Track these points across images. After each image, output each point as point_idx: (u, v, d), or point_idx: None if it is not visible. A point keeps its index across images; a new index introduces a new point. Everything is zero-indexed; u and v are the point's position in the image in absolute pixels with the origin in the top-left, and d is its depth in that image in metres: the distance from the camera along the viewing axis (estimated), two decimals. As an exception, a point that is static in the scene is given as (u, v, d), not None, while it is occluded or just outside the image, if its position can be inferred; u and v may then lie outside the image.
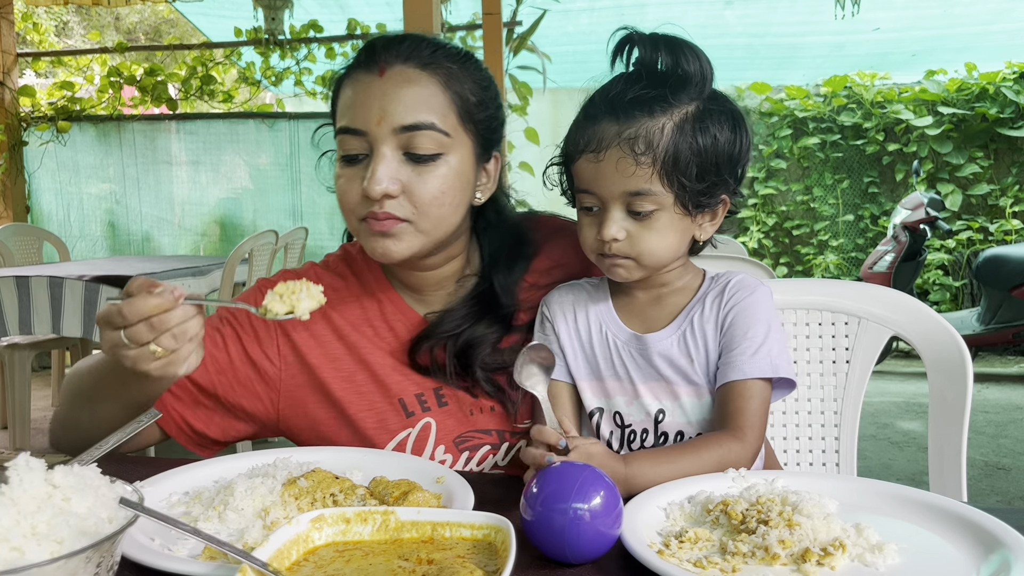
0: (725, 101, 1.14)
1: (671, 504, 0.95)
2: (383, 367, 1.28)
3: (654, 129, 1.07)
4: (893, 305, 1.56)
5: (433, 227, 1.18)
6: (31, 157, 6.36)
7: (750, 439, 1.08)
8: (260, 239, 4.25)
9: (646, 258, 1.12)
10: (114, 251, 6.46)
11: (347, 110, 1.18)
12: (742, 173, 1.16)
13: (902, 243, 6.02)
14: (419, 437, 1.25)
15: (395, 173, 1.14)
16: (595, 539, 0.83)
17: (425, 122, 1.14)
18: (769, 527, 0.84)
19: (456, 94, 1.18)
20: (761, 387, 1.12)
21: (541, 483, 0.85)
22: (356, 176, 1.17)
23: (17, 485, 0.68)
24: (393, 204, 1.15)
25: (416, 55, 1.17)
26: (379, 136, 1.14)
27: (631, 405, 1.19)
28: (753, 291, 1.17)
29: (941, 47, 6.98)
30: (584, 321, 1.23)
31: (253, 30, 6.19)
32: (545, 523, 0.83)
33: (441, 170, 1.17)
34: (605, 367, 1.21)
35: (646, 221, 1.10)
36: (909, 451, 4.31)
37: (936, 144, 7.31)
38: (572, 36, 6.82)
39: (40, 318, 3.84)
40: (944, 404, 1.48)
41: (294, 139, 6.17)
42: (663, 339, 1.18)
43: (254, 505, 0.91)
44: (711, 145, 1.09)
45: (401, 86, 1.15)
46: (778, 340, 1.15)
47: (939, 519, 0.91)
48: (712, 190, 1.12)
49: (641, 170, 1.07)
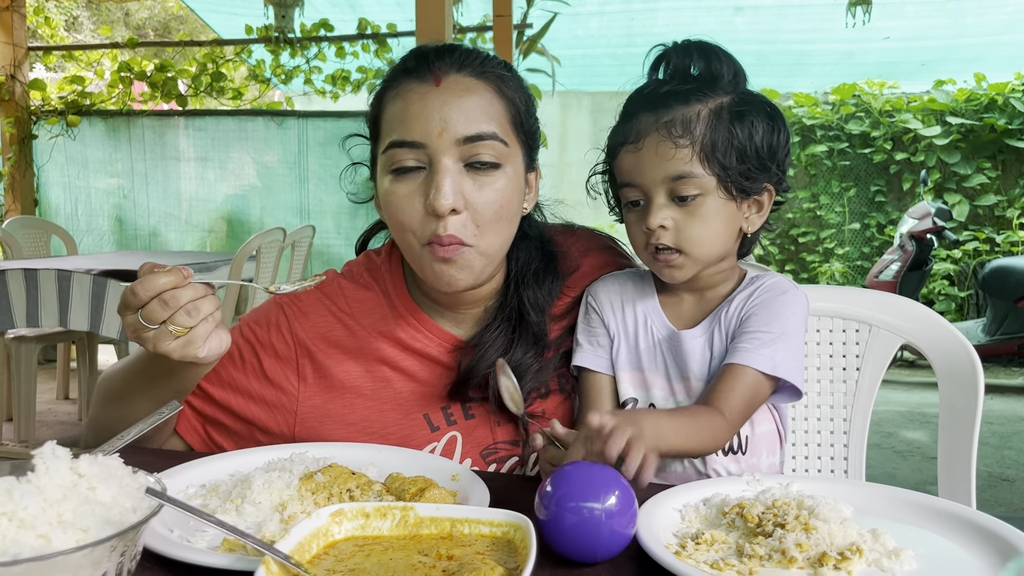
0: (760, 97, 1.16)
1: (686, 506, 0.96)
2: (409, 385, 1.25)
3: (690, 115, 1.10)
4: (904, 313, 1.56)
5: (491, 245, 1.15)
6: (40, 151, 6.38)
7: (730, 418, 1.07)
8: (268, 236, 4.26)
9: (695, 248, 1.13)
10: (121, 246, 6.48)
11: (399, 122, 1.12)
12: (784, 164, 1.17)
13: (908, 252, 6.02)
14: (445, 450, 1.23)
15: (459, 186, 1.10)
16: (609, 539, 0.82)
17: (487, 132, 1.11)
18: (786, 530, 0.85)
19: (509, 101, 1.16)
20: (755, 378, 1.11)
21: (555, 482, 0.85)
22: (414, 192, 1.12)
23: (43, 473, 0.68)
24: (457, 224, 1.10)
25: (469, 64, 1.14)
26: (440, 148, 1.10)
27: (667, 400, 1.20)
28: (784, 292, 1.17)
29: (950, 57, 6.99)
30: (632, 313, 1.23)
31: (264, 28, 6.20)
32: (558, 522, 0.82)
33: (500, 181, 1.13)
34: (647, 360, 1.21)
35: (691, 207, 1.11)
36: (913, 460, 4.31)
37: (944, 154, 7.31)
38: (582, 40, 6.83)
39: (47, 311, 3.85)
40: (954, 413, 1.48)
41: (303, 137, 6.18)
42: (695, 337, 1.19)
43: (271, 499, 0.91)
44: (748, 133, 1.12)
45: (460, 95, 1.11)
46: (791, 344, 1.13)
47: (954, 526, 0.91)
48: (754, 175, 1.13)
49: (681, 152, 1.09)
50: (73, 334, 4.59)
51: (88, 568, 0.63)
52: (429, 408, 1.24)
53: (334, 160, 6.12)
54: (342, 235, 6.12)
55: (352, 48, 6.40)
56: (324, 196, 6.18)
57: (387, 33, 6.23)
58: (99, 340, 4.75)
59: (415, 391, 1.24)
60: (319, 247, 5.95)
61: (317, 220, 6.08)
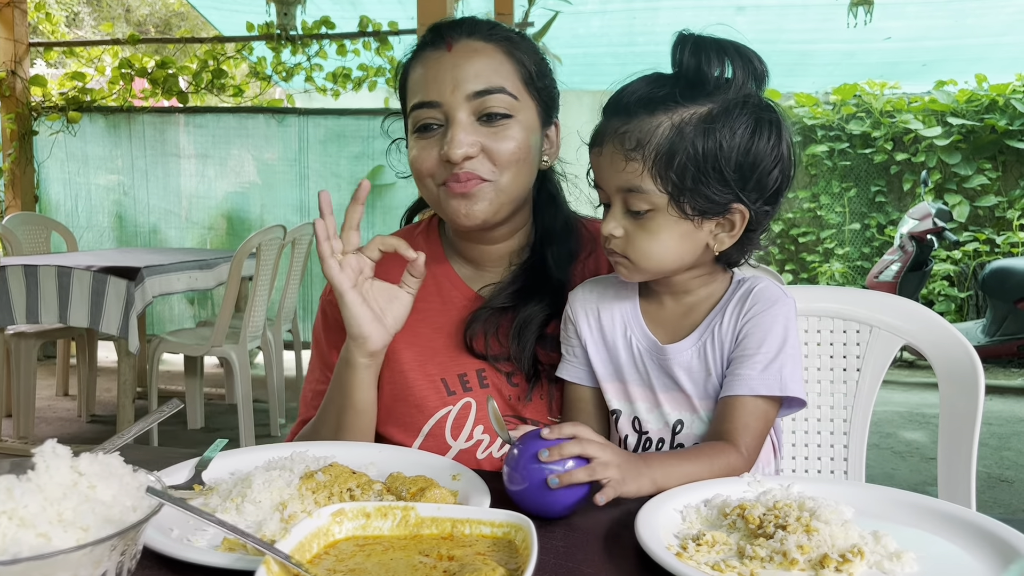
0: (757, 107, 1.08)
1: (687, 507, 0.95)
2: (430, 346, 1.33)
3: (648, 127, 1.06)
4: (905, 314, 1.56)
5: (511, 184, 1.24)
6: (41, 147, 6.38)
7: (748, 457, 1.07)
8: (268, 234, 4.25)
9: (641, 260, 1.11)
10: (121, 242, 6.47)
11: (420, 86, 1.24)
12: (767, 183, 1.09)
13: (908, 253, 6.02)
14: (459, 415, 1.29)
15: (472, 136, 1.21)
16: (562, 495, 0.93)
17: (495, 86, 1.22)
18: (787, 532, 0.84)
19: (519, 62, 1.26)
20: (767, 405, 1.11)
21: (519, 448, 0.95)
22: (432, 145, 1.23)
23: (44, 471, 0.68)
24: (474, 164, 1.21)
25: (478, 30, 1.26)
26: (454, 104, 1.21)
27: (651, 412, 1.19)
28: (774, 303, 1.14)
29: (952, 58, 6.99)
30: (609, 321, 1.22)
31: (265, 25, 6.19)
32: (519, 480, 0.93)
33: (514, 129, 1.23)
34: (628, 371, 1.20)
35: (642, 221, 1.09)
36: (912, 461, 4.31)
37: (944, 155, 7.32)
38: (583, 38, 6.82)
39: (47, 307, 3.86)
40: (955, 414, 1.48)
41: (303, 135, 6.18)
42: (683, 351, 1.16)
43: (271, 498, 0.91)
44: (713, 149, 1.05)
45: (470, 56, 1.23)
46: (792, 356, 1.12)
47: (955, 528, 0.90)
48: (714, 195, 1.07)
49: (631, 166, 1.07)
50: (73, 330, 4.59)
51: (88, 567, 0.63)
52: (447, 372, 1.31)
53: (335, 158, 6.11)
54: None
55: (353, 46, 6.38)
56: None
57: (388, 31, 6.21)
58: (99, 337, 4.75)
59: (440, 346, 1.33)
60: (319, 245, 5.94)
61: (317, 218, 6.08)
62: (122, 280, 3.82)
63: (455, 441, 1.28)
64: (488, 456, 1.28)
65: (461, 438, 1.28)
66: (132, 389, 4.08)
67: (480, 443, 1.28)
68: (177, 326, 6.40)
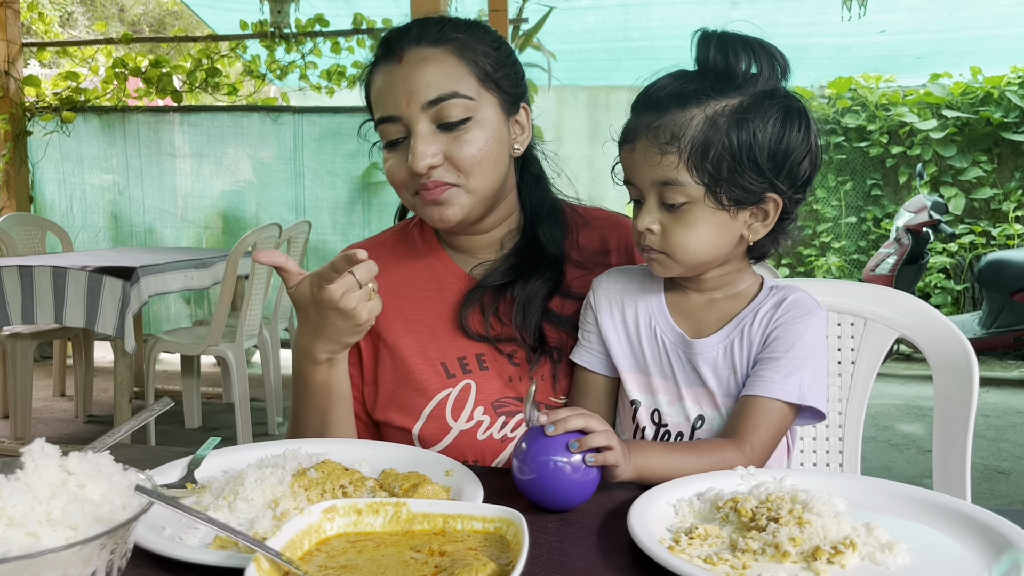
0: (785, 98, 1.11)
1: (680, 500, 0.95)
2: (428, 332, 1.34)
3: (682, 120, 1.08)
4: (900, 307, 1.56)
5: (479, 185, 1.26)
6: (35, 147, 6.36)
7: (751, 456, 1.07)
8: (264, 232, 4.24)
9: (679, 253, 1.12)
10: (117, 242, 6.46)
11: (379, 101, 1.27)
12: (799, 173, 1.12)
13: (904, 246, 6.02)
14: (459, 397, 1.30)
15: (433, 146, 1.22)
16: (576, 488, 0.94)
17: (448, 92, 1.22)
18: (779, 524, 0.84)
19: (470, 60, 1.25)
20: (783, 410, 1.11)
21: (528, 440, 0.96)
22: (400, 157, 1.26)
23: (32, 471, 0.68)
24: (439, 172, 1.24)
25: (426, 35, 1.25)
26: (411, 116, 1.22)
27: (672, 406, 1.19)
28: (808, 313, 1.15)
29: (946, 50, 6.99)
30: (632, 313, 1.22)
31: (259, 23, 6.18)
32: (532, 475, 0.93)
33: (473, 131, 1.24)
34: (652, 363, 1.21)
35: (677, 214, 1.10)
36: (909, 453, 4.32)
37: (940, 147, 7.32)
38: (577, 34, 6.81)
39: (43, 307, 3.85)
40: (949, 406, 1.48)
41: (298, 133, 6.17)
42: (710, 346, 1.17)
43: (264, 495, 0.91)
44: (748, 140, 1.07)
45: (419, 66, 1.23)
46: (816, 368, 1.13)
47: (948, 519, 0.91)
48: (752, 185, 1.09)
49: (667, 159, 1.08)
50: (69, 331, 4.58)
51: (78, 566, 0.62)
52: (446, 356, 1.32)
53: (329, 156, 6.10)
54: (338, 230, 6.11)
55: (347, 43, 6.38)
56: (320, 192, 6.17)
57: (382, 28, 6.20)
58: (95, 337, 4.75)
59: (437, 331, 1.34)
60: (315, 243, 5.94)
61: (313, 216, 6.07)
62: (117, 280, 3.81)
63: (455, 422, 1.29)
64: (488, 438, 1.29)
65: (461, 419, 1.29)
66: (129, 389, 4.08)
67: (480, 424, 1.29)
68: (173, 325, 6.40)
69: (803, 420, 1.17)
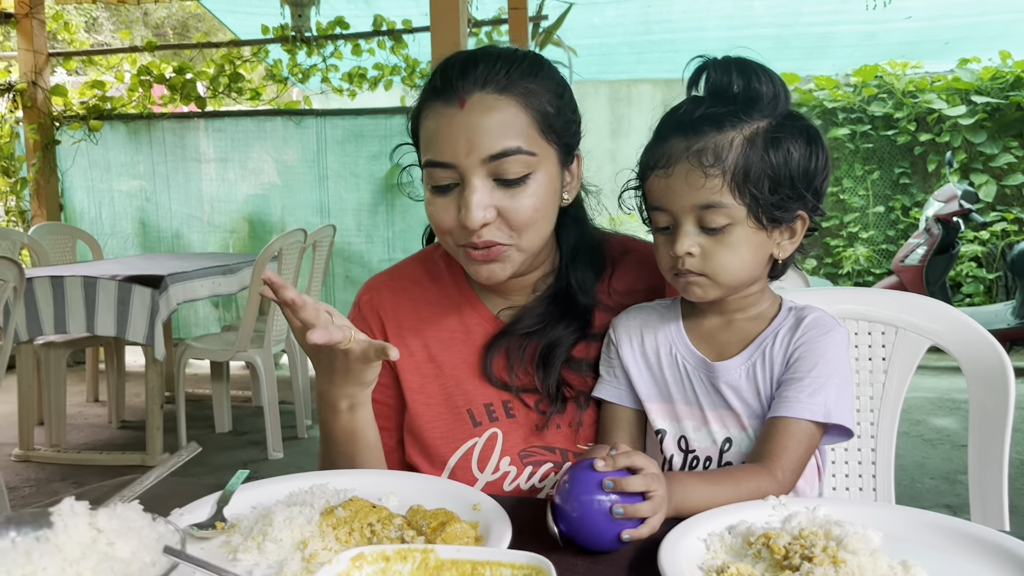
0: (800, 119, 1.13)
1: (711, 535, 0.94)
2: (454, 377, 1.31)
3: (723, 142, 1.08)
4: (931, 314, 1.53)
5: (531, 243, 1.21)
6: (64, 156, 6.44)
7: (783, 479, 1.06)
8: (289, 238, 4.27)
9: (721, 275, 1.12)
10: (145, 248, 6.53)
11: (432, 144, 1.18)
12: (821, 190, 1.14)
13: (935, 236, 5.92)
14: (485, 447, 1.27)
15: (488, 201, 1.16)
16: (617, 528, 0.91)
17: (511, 148, 1.15)
18: (813, 564, 0.83)
19: (535, 111, 1.18)
20: (810, 430, 1.10)
21: (572, 478, 0.95)
22: (449, 204, 1.18)
23: (62, 531, 0.68)
24: (491, 230, 1.17)
25: (493, 79, 1.16)
26: (468, 167, 1.15)
27: (699, 431, 1.19)
28: (828, 331, 1.15)
29: (975, 35, 6.86)
30: (652, 343, 1.22)
31: (280, 27, 6.20)
32: (573, 513, 0.92)
33: (531, 188, 1.17)
34: (675, 390, 1.20)
35: (718, 236, 1.10)
36: (943, 449, 4.25)
37: (969, 134, 7.19)
38: (598, 29, 6.77)
39: (74, 317, 3.91)
40: (984, 415, 1.45)
41: (321, 136, 6.19)
42: (732, 369, 1.17)
43: (292, 536, 0.91)
44: (784, 160, 1.09)
45: (483, 116, 1.15)
46: (841, 386, 1.12)
47: (989, 555, 0.88)
48: (787, 204, 1.11)
49: (711, 182, 1.07)
50: (100, 338, 4.64)
51: (109, 628, 0.63)
52: (472, 404, 1.29)
53: (353, 158, 6.12)
54: (363, 232, 6.12)
55: (368, 45, 6.38)
56: (344, 193, 6.18)
57: (402, 29, 6.20)
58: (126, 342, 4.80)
59: (463, 377, 1.30)
60: (340, 245, 5.96)
61: (337, 218, 6.09)
62: (146, 288, 3.85)
63: (481, 474, 1.27)
64: (515, 488, 1.27)
65: (488, 470, 1.26)
66: (160, 395, 4.13)
67: (507, 475, 1.26)
68: (202, 329, 6.46)
69: (831, 439, 1.17)
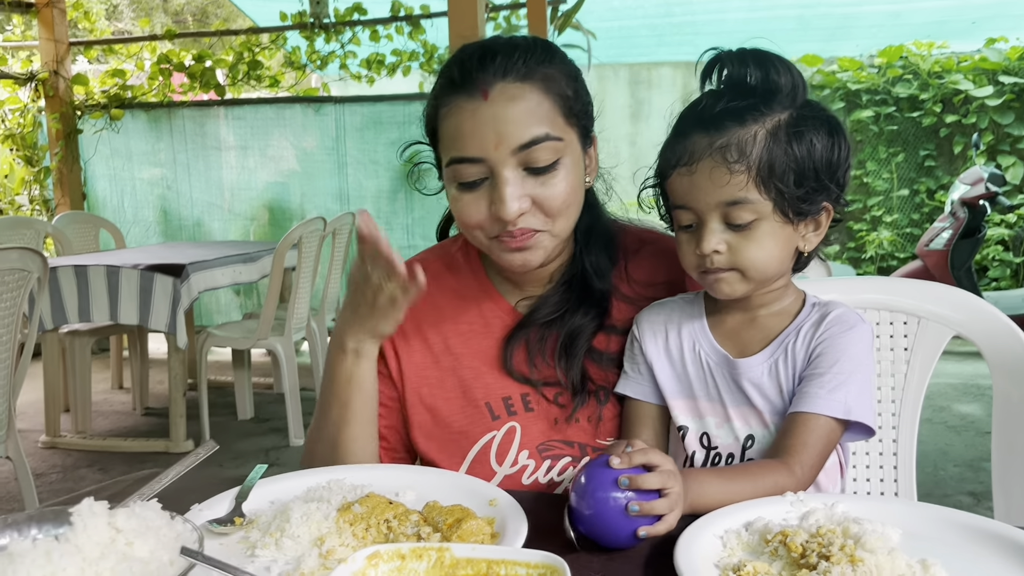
0: (820, 109, 1.12)
1: (728, 532, 0.93)
2: (473, 369, 1.30)
3: (746, 137, 1.06)
4: (955, 304, 1.51)
5: (564, 228, 1.20)
6: (86, 145, 6.50)
7: (801, 475, 1.05)
8: (309, 226, 4.29)
9: (750, 270, 1.10)
10: (166, 236, 6.58)
11: (457, 140, 1.16)
12: (844, 180, 1.13)
13: (960, 219, 5.83)
14: (504, 440, 1.27)
15: (522, 191, 1.15)
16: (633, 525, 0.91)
17: (540, 135, 1.14)
18: (831, 563, 0.82)
19: (557, 95, 1.17)
20: (829, 425, 1.09)
21: (588, 475, 0.94)
22: (478, 200, 1.17)
23: (82, 531, 0.69)
24: (526, 218, 1.16)
25: (513, 68, 1.15)
26: (499, 160, 1.13)
27: (721, 428, 1.18)
28: (851, 327, 1.14)
29: (1002, 14, 6.72)
30: (676, 339, 1.21)
31: (298, 14, 6.21)
32: (589, 511, 0.92)
33: (561, 173, 1.16)
34: (698, 386, 1.20)
35: (745, 232, 1.09)
36: (967, 436, 4.21)
37: (997, 115, 7.07)
38: (618, 11, 6.71)
39: (98, 305, 3.96)
40: (1008, 405, 1.43)
41: (340, 122, 6.20)
42: (755, 365, 1.16)
43: (310, 532, 0.92)
44: (807, 152, 1.08)
45: (508, 105, 1.13)
46: (862, 383, 1.11)
47: (1012, 554, 0.87)
48: (812, 196, 1.10)
49: (736, 178, 1.06)
50: (124, 327, 4.70)
51: (127, 628, 0.63)
52: (491, 397, 1.28)
53: (371, 144, 6.13)
54: (382, 219, 6.14)
55: (386, 31, 6.38)
56: (363, 180, 6.20)
57: (420, 14, 6.19)
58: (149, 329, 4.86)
59: (482, 370, 1.30)
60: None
61: (356, 205, 6.11)
62: (168, 277, 3.89)
63: (500, 467, 1.26)
64: (534, 482, 1.26)
65: (506, 463, 1.26)
66: (183, 383, 4.18)
67: (525, 468, 1.26)
68: (224, 316, 6.51)
69: (852, 436, 1.16)
